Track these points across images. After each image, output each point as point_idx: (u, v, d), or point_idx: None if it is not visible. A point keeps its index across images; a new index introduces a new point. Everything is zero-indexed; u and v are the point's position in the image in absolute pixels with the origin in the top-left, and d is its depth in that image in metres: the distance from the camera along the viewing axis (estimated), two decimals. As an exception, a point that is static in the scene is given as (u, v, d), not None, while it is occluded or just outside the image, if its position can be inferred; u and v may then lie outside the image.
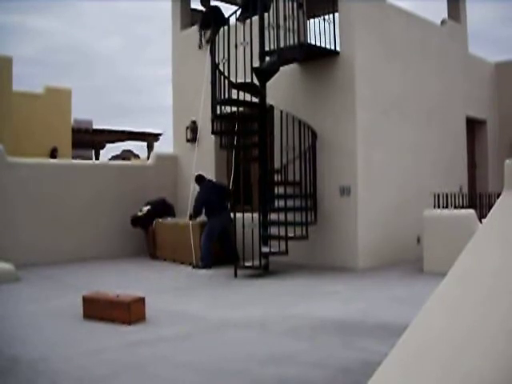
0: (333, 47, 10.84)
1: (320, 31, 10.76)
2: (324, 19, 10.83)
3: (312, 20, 11.31)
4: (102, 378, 4.75)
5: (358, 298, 8.12)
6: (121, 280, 9.89)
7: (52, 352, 5.53)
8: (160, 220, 12.68)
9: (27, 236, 11.65)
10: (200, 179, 12.04)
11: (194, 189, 12.41)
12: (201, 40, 13.44)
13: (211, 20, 12.86)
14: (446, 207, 10.73)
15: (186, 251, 11.65)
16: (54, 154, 19.43)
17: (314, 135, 10.85)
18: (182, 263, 11.64)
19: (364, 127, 10.78)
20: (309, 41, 10.88)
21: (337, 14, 10.90)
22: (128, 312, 6.59)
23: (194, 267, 11.20)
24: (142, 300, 6.79)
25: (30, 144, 18.54)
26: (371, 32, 11.16)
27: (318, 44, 10.75)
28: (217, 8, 13.44)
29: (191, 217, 11.73)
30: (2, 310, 7.61)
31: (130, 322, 6.51)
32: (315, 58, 11.01)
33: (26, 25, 63.76)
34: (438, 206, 10.70)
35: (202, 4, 13.84)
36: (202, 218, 11.75)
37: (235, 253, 10.69)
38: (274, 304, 7.80)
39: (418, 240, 10.97)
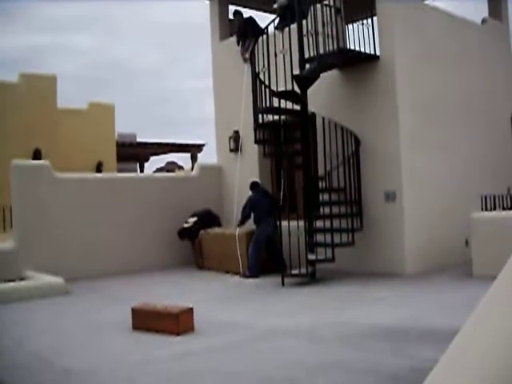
0: (372, 51, 10.77)
1: (359, 36, 10.73)
2: (362, 24, 10.77)
3: (350, 25, 11.26)
4: (153, 389, 4.79)
5: (407, 303, 8.02)
6: (169, 291, 9.95)
7: (101, 363, 5.61)
8: (206, 230, 12.73)
9: (76, 250, 11.83)
10: (254, 185, 12.11)
11: (239, 198, 12.47)
12: (242, 55, 13.43)
13: (248, 31, 12.94)
14: (494, 209, 10.56)
15: (232, 261, 11.67)
16: (99, 168, 19.74)
17: (357, 141, 10.78)
18: (229, 273, 11.66)
19: (407, 131, 10.67)
20: (348, 46, 10.83)
21: (375, 18, 10.83)
22: (176, 323, 6.63)
23: (241, 276, 11.22)
24: (190, 310, 6.82)
25: (76, 159, 18.89)
26: (411, 34, 11.06)
27: (357, 49, 10.71)
28: (251, 19, 13.47)
29: (243, 220, 11.79)
30: (52, 323, 7.75)
31: (178, 333, 6.55)
32: (355, 63, 10.96)
33: (66, 43, 65.10)
34: (486, 208, 10.53)
35: (235, 16, 13.93)
36: (250, 225, 11.77)
37: (282, 261, 10.68)
38: (321, 311, 7.76)
39: (467, 243, 10.76)
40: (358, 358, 5.40)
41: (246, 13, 14.11)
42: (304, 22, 10.39)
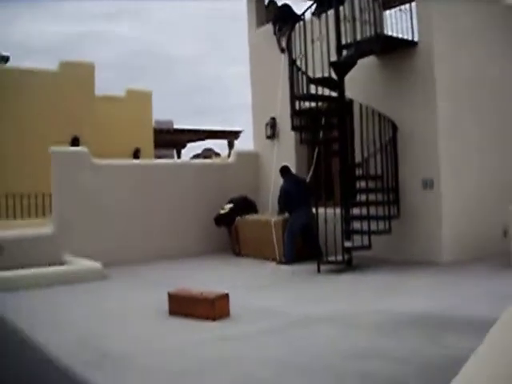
0: (410, 37, 10.65)
1: (397, 22, 10.62)
2: (400, 9, 10.66)
3: (388, 11, 11.14)
4: (186, 373, 4.83)
5: (443, 292, 7.96)
6: (205, 277, 10.02)
7: (138, 347, 5.68)
8: (242, 217, 12.76)
9: (114, 235, 11.97)
10: (284, 171, 12.04)
11: (275, 185, 12.49)
12: (278, 43, 13.37)
13: (284, 18, 12.93)
14: (534, 197, 10.38)
15: (268, 247, 11.70)
16: (137, 154, 19.94)
17: (395, 128, 10.70)
18: (266, 259, 11.69)
19: (445, 117, 10.54)
20: (386, 32, 10.73)
21: (413, 4, 10.70)
22: (212, 308, 6.67)
23: (277, 263, 11.24)
24: (226, 296, 6.86)
25: (114, 146, 19.09)
26: (449, 19, 10.88)
27: (395, 35, 10.60)
28: (287, 6, 13.43)
29: (281, 211, 11.78)
30: (90, 307, 7.87)
31: (214, 319, 6.59)
32: (393, 50, 10.84)
33: (105, 32, 65.67)
34: (526, 197, 10.37)
35: (268, 6, 13.94)
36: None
37: (318, 248, 10.65)
38: (357, 299, 7.75)
39: (505, 233, 10.62)
40: (394, 346, 5.38)
41: (282, 0, 14.05)
42: (341, 8, 10.32)
